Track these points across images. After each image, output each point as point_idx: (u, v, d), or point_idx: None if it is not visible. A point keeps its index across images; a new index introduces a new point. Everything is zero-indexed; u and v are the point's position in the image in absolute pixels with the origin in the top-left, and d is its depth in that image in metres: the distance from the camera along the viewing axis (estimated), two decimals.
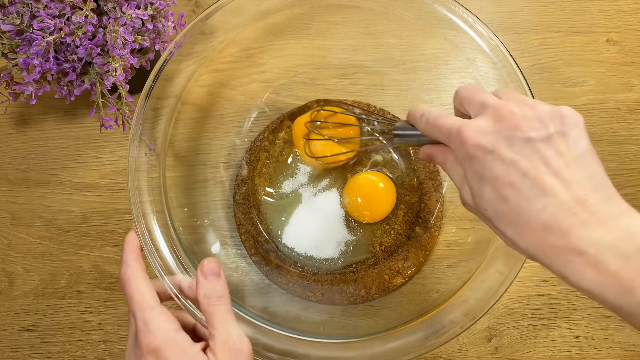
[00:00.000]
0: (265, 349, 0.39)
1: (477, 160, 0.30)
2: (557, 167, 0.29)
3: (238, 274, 0.50)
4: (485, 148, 0.30)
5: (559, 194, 0.28)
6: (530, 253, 0.29)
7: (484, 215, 0.31)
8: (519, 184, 0.29)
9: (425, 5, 0.44)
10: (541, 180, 0.28)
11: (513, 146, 0.29)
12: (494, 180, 0.29)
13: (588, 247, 0.27)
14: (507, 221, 0.29)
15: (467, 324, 0.39)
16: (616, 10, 0.56)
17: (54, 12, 0.41)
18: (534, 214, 0.28)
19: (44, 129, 0.56)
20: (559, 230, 0.28)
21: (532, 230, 0.28)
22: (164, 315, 0.34)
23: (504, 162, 0.29)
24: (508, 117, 0.30)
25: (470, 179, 0.31)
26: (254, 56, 0.51)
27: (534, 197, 0.28)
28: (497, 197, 0.29)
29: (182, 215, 0.45)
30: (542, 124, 0.30)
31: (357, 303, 0.49)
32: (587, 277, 0.27)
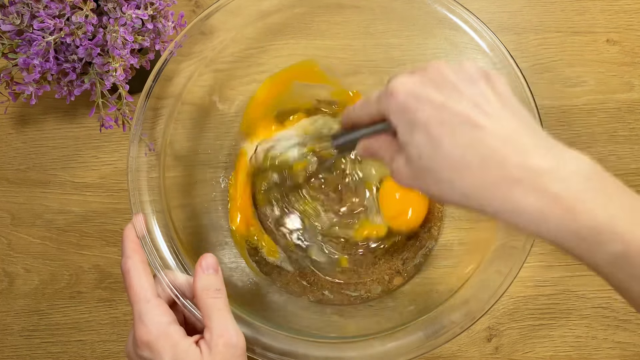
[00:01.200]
0: (265, 349, 0.39)
1: (408, 108, 0.29)
2: (486, 106, 0.29)
3: (238, 274, 0.50)
4: (415, 94, 0.29)
5: (491, 128, 0.28)
6: (468, 196, 0.28)
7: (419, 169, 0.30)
8: (451, 123, 0.28)
9: (425, 5, 0.44)
10: (473, 117, 0.28)
11: (442, 90, 0.29)
12: (426, 123, 0.29)
13: (525, 174, 0.27)
14: (442, 165, 0.29)
15: (467, 324, 0.39)
16: (616, 10, 0.56)
17: (54, 12, 0.41)
18: (468, 150, 0.28)
19: (44, 129, 0.56)
20: (495, 162, 0.27)
21: (468, 168, 0.28)
22: (158, 308, 0.34)
23: (433, 104, 0.29)
24: (434, 68, 0.30)
25: (402, 134, 0.30)
26: (254, 56, 0.51)
27: (467, 132, 0.28)
28: (429, 140, 0.29)
29: (182, 215, 0.45)
30: (468, 73, 0.30)
31: (357, 303, 0.49)
32: (526, 207, 0.27)
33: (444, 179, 0.29)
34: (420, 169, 0.30)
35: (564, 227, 0.26)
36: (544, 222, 0.27)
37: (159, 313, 0.34)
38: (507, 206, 0.27)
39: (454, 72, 0.30)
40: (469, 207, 0.29)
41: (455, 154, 0.28)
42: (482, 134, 0.28)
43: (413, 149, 0.29)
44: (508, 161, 0.27)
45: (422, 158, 0.29)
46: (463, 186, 0.28)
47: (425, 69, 0.31)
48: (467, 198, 0.28)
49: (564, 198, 0.26)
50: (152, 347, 0.33)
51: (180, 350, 0.33)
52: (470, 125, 0.28)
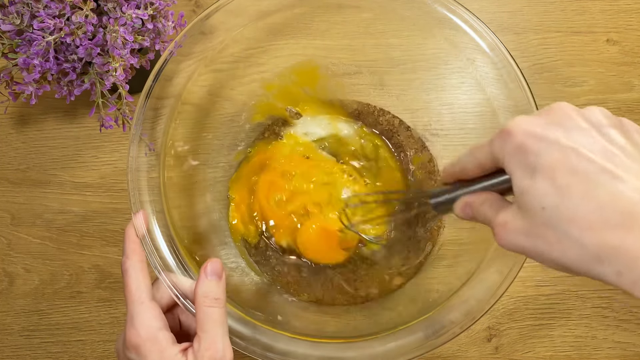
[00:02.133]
0: (265, 349, 0.39)
1: (528, 150, 0.25)
2: (622, 157, 0.25)
3: (238, 273, 0.50)
4: (536, 134, 0.26)
5: (632, 181, 0.24)
6: (603, 259, 0.24)
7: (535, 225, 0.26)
8: (585, 171, 0.24)
9: (425, 5, 0.44)
10: (610, 167, 0.24)
11: (569, 134, 0.25)
12: (553, 170, 0.25)
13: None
14: (572, 219, 0.24)
15: (467, 324, 0.39)
16: (616, 10, 0.56)
17: (54, 12, 0.41)
18: (607, 203, 0.24)
19: (44, 129, 0.56)
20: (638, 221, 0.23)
21: (606, 226, 0.23)
22: (150, 312, 0.34)
23: (561, 148, 0.25)
24: (559, 110, 0.27)
25: (519, 180, 0.26)
26: (254, 56, 0.51)
27: (605, 183, 0.24)
28: (557, 188, 0.24)
29: (182, 215, 0.45)
30: (598, 117, 0.26)
31: (357, 303, 0.49)
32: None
33: (572, 237, 0.24)
34: (539, 223, 0.25)
35: None
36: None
37: (150, 317, 0.34)
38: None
39: (582, 116, 0.26)
40: (598, 273, 0.24)
41: (590, 208, 0.24)
42: (624, 187, 0.24)
43: (533, 199, 0.25)
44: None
45: (545, 209, 0.25)
46: (598, 247, 0.24)
47: (549, 110, 0.27)
48: (600, 262, 0.24)
49: None
50: (139, 351, 0.33)
51: (167, 356, 0.33)
52: (609, 176, 0.24)
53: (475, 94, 0.45)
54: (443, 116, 0.51)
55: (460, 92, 0.50)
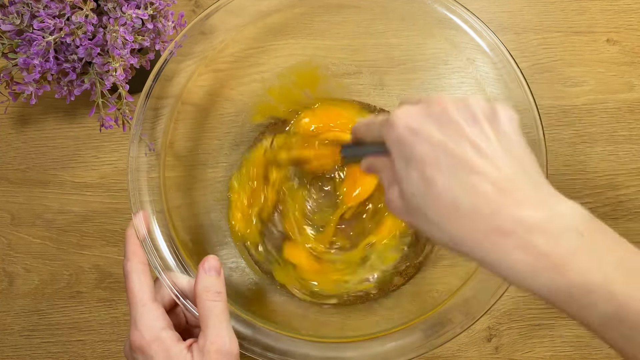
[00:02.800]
0: (265, 349, 0.39)
1: (405, 143, 0.29)
2: (485, 149, 0.27)
3: (238, 273, 0.50)
4: (413, 129, 0.29)
5: (488, 174, 0.27)
6: (457, 241, 0.28)
7: (410, 206, 0.29)
8: (446, 164, 0.27)
9: (425, 5, 0.44)
10: (469, 160, 0.27)
11: (441, 127, 0.28)
12: (421, 162, 0.28)
13: (516, 227, 0.26)
14: (433, 206, 0.28)
15: (467, 324, 0.39)
16: (616, 10, 0.56)
17: (54, 12, 0.41)
18: (461, 194, 0.27)
19: (44, 129, 0.56)
20: (487, 210, 0.26)
21: (459, 213, 0.27)
22: (153, 313, 0.34)
23: (431, 143, 0.28)
24: (437, 102, 0.29)
25: (398, 167, 0.29)
26: (254, 56, 0.51)
27: (462, 176, 0.27)
28: (423, 179, 0.28)
29: (182, 215, 0.45)
30: (472, 110, 0.29)
31: (357, 303, 0.49)
32: (516, 261, 0.26)
33: (434, 221, 0.28)
34: (412, 206, 0.29)
35: (554, 285, 0.25)
36: (533, 279, 0.26)
37: (153, 317, 0.34)
38: (495, 258, 0.26)
39: (457, 109, 0.29)
40: (456, 252, 0.28)
41: (447, 198, 0.27)
42: (477, 179, 0.27)
43: (407, 185, 0.29)
44: (500, 211, 0.26)
45: (415, 196, 0.29)
46: (452, 231, 0.27)
47: (429, 102, 0.30)
48: (455, 243, 0.28)
49: (555, 256, 0.25)
50: (145, 352, 0.33)
51: (172, 355, 0.33)
52: (466, 169, 0.27)
53: (475, 94, 0.45)
54: None
55: (460, 92, 0.50)
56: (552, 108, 0.54)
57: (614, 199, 0.53)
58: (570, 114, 0.54)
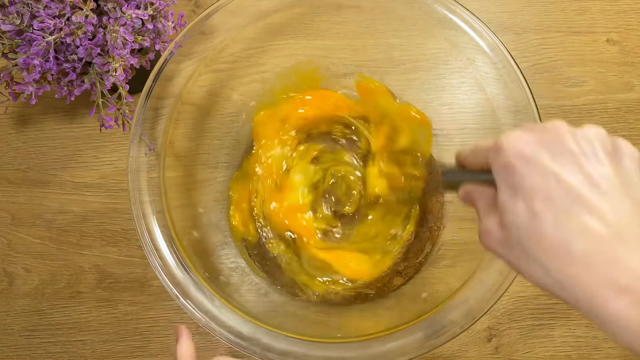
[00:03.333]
0: (265, 349, 0.39)
1: (514, 170, 0.26)
2: (604, 187, 0.25)
3: (238, 273, 0.50)
4: (525, 156, 0.26)
5: (604, 215, 0.24)
6: (564, 288, 0.25)
7: (511, 240, 0.27)
8: (559, 199, 0.25)
9: (425, 5, 0.44)
10: (585, 197, 0.24)
11: (557, 157, 0.25)
12: (531, 192, 0.25)
13: (636, 283, 0.23)
14: (540, 244, 0.25)
15: (467, 324, 0.39)
16: (616, 10, 0.56)
17: (54, 12, 0.41)
18: (573, 235, 0.24)
19: (44, 129, 0.56)
20: (602, 258, 0.24)
21: (571, 257, 0.24)
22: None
23: (544, 173, 0.25)
24: (553, 130, 0.26)
25: (502, 196, 0.27)
26: (254, 56, 0.51)
27: (577, 214, 0.24)
28: (531, 212, 0.25)
29: (182, 215, 0.45)
30: (592, 142, 0.26)
31: (357, 303, 0.49)
32: (630, 321, 0.23)
33: (538, 261, 0.25)
34: (512, 240, 0.26)
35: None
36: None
37: None
38: (606, 313, 0.23)
39: (575, 138, 0.26)
40: (560, 297, 0.25)
41: (558, 238, 0.24)
42: (592, 220, 0.24)
43: (512, 217, 0.26)
44: (617, 262, 0.23)
45: (519, 229, 0.26)
46: (559, 276, 0.25)
47: (544, 129, 0.27)
48: (562, 289, 0.25)
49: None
50: None
51: None
52: (582, 207, 0.24)
53: (475, 94, 0.45)
54: (443, 116, 0.51)
55: (460, 92, 0.50)
56: (552, 108, 0.54)
57: None
58: (570, 114, 0.54)
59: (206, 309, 0.39)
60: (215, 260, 0.49)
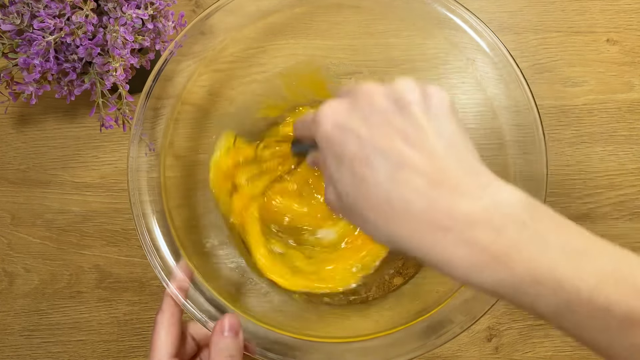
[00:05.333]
0: (265, 349, 0.39)
1: (334, 141, 0.27)
2: (414, 138, 0.26)
3: (238, 273, 0.50)
4: (339, 124, 0.27)
5: (418, 165, 0.25)
6: (395, 240, 0.26)
7: (346, 206, 0.28)
8: (374, 159, 0.26)
9: (425, 5, 0.44)
10: (399, 152, 0.25)
11: (368, 120, 0.26)
12: (351, 159, 0.26)
13: (454, 221, 0.24)
14: (367, 205, 0.26)
15: (467, 324, 0.39)
16: (616, 10, 0.56)
17: (54, 12, 0.41)
18: (392, 191, 0.25)
19: (44, 129, 0.56)
20: (421, 206, 0.24)
21: (394, 211, 0.25)
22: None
23: (359, 138, 0.26)
24: (363, 93, 0.27)
25: (330, 167, 0.28)
26: (254, 56, 0.51)
27: (392, 171, 0.25)
28: (355, 177, 0.26)
29: (182, 215, 0.45)
30: (399, 96, 0.27)
31: (357, 303, 0.49)
32: (458, 257, 0.24)
33: (369, 221, 0.26)
34: (347, 207, 0.28)
35: (500, 279, 0.24)
36: (477, 274, 0.24)
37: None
38: (436, 256, 0.25)
39: (384, 96, 0.27)
40: (398, 251, 0.26)
41: (379, 196, 0.25)
42: (407, 173, 0.25)
43: (340, 185, 0.27)
44: (435, 206, 0.24)
45: (348, 195, 0.27)
46: (388, 231, 0.26)
47: (355, 93, 0.28)
48: (394, 242, 0.26)
49: (497, 248, 0.23)
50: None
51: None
52: (396, 163, 0.25)
53: (475, 94, 0.45)
54: None
55: (460, 92, 0.50)
56: (552, 108, 0.54)
57: (614, 199, 0.53)
58: (570, 114, 0.54)
59: (206, 309, 0.39)
60: (215, 260, 0.49)
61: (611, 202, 0.53)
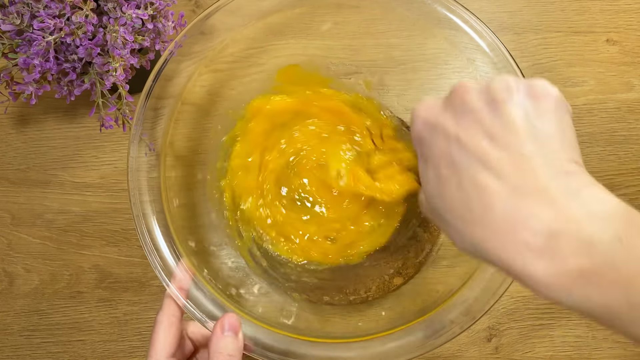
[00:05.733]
0: (265, 349, 0.39)
1: (424, 140, 0.26)
2: (503, 137, 0.23)
3: (238, 273, 0.50)
4: (430, 123, 0.26)
5: (502, 167, 0.23)
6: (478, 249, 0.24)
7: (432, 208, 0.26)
8: (458, 159, 0.24)
9: (425, 5, 0.44)
10: (482, 151, 0.24)
11: (458, 118, 0.25)
12: (438, 159, 0.25)
13: (536, 233, 0.22)
14: (450, 209, 0.25)
15: (467, 324, 0.39)
16: (616, 10, 0.56)
17: (54, 12, 0.41)
18: (472, 193, 0.23)
19: (44, 129, 0.56)
20: (500, 212, 0.23)
21: (473, 215, 0.23)
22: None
23: (447, 137, 0.25)
24: (459, 91, 0.26)
25: (421, 167, 0.27)
26: (254, 56, 0.51)
27: (473, 171, 0.23)
28: (439, 179, 0.25)
29: (182, 215, 0.45)
30: (495, 94, 0.25)
31: (357, 303, 0.49)
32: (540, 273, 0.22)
33: (451, 225, 0.25)
34: (432, 209, 0.26)
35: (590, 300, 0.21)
36: (563, 293, 0.21)
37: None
38: (518, 269, 0.22)
39: (479, 94, 0.25)
40: (484, 261, 0.24)
41: (460, 200, 0.24)
42: (489, 176, 0.23)
43: (426, 187, 0.26)
44: (515, 214, 0.22)
45: (433, 197, 0.26)
46: (469, 237, 0.24)
47: (451, 93, 0.26)
48: (475, 250, 0.24)
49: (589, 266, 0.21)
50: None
51: None
52: (477, 164, 0.23)
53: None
54: None
55: None
56: None
57: None
58: None
59: (206, 309, 0.39)
60: (215, 260, 0.49)
61: None
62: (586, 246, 0.21)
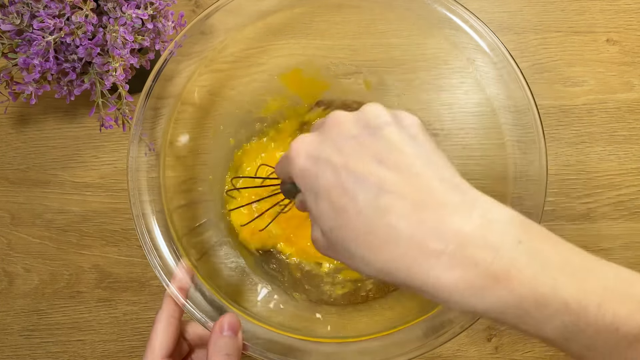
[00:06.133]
0: (265, 348, 0.39)
1: (308, 174, 0.26)
2: (391, 159, 0.24)
3: (238, 273, 0.50)
4: (312, 156, 0.26)
5: (399, 187, 0.23)
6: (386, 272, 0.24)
7: (331, 243, 0.26)
8: (352, 187, 0.24)
9: (425, 5, 0.44)
10: (375, 175, 0.24)
11: (341, 148, 0.25)
12: (328, 190, 0.25)
13: (446, 243, 0.22)
14: (352, 238, 0.24)
15: (467, 323, 0.39)
16: (616, 10, 0.56)
17: (54, 12, 0.41)
18: (375, 217, 0.23)
19: (44, 129, 0.56)
20: (407, 230, 0.23)
21: (379, 240, 0.23)
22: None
23: (334, 168, 0.25)
24: (333, 123, 0.26)
25: (310, 203, 0.26)
26: (254, 56, 0.51)
27: (371, 196, 0.23)
28: (334, 210, 0.24)
29: (182, 215, 0.45)
30: (369, 120, 0.26)
31: (357, 303, 0.49)
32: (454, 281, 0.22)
33: (356, 255, 0.24)
34: (332, 243, 0.26)
35: (503, 302, 0.22)
36: (476, 298, 0.22)
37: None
38: (431, 283, 0.23)
39: (354, 122, 0.26)
40: (391, 282, 0.24)
41: (362, 226, 0.24)
42: (388, 197, 0.23)
43: (321, 221, 0.25)
44: (422, 229, 0.23)
45: (332, 231, 0.25)
46: (377, 262, 0.24)
47: (323, 123, 0.27)
48: (385, 274, 0.24)
49: (497, 269, 0.22)
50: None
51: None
52: (374, 188, 0.23)
53: (475, 94, 0.45)
54: (443, 116, 0.51)
55: (461, 92, 0.50)
56: (552, 108, 0.54)
57: (614, 199, 0.53)
58: (570, 114, 0.54)
59: (206, 309, 0.39)
60: (215, 260, 0.49)
61: (611, 202, 0.53)
62: (493, 251, 0.22)
